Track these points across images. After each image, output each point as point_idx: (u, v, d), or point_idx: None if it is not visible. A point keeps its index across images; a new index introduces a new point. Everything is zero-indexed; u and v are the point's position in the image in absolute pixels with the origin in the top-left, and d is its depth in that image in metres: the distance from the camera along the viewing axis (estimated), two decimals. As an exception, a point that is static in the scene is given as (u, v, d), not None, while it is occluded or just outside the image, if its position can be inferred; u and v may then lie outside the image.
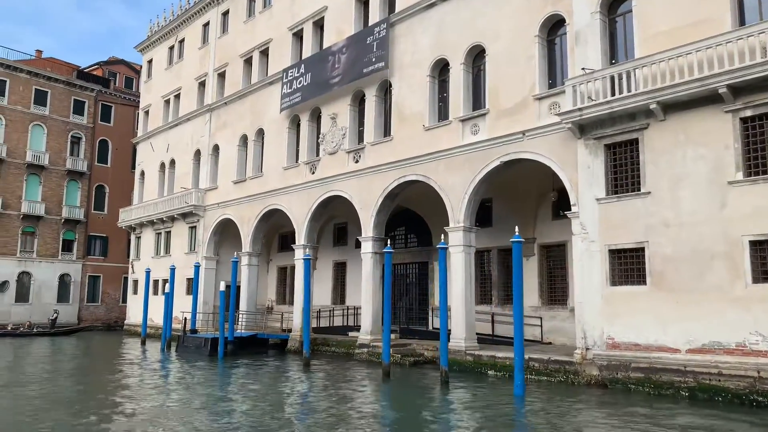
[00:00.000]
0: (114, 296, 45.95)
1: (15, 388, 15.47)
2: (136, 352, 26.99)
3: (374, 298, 22.82)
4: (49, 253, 42.77)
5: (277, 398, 14.59)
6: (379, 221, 23.26)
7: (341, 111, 25.28)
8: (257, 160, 30.49)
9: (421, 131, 21.63)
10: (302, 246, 26.44)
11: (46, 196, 42.80)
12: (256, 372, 19.51)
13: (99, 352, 28.73)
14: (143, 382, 17.51)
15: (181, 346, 25.84)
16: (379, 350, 21.81)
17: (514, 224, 23.14)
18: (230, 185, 31.81)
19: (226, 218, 31.88)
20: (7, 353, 25.43)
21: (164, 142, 38.60)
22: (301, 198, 26.67)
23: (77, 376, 19.08)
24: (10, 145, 41.25)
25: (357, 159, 24.26)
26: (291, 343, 25.93)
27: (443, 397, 14.58)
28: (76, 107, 45.00)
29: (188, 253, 34.53)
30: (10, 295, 40.62)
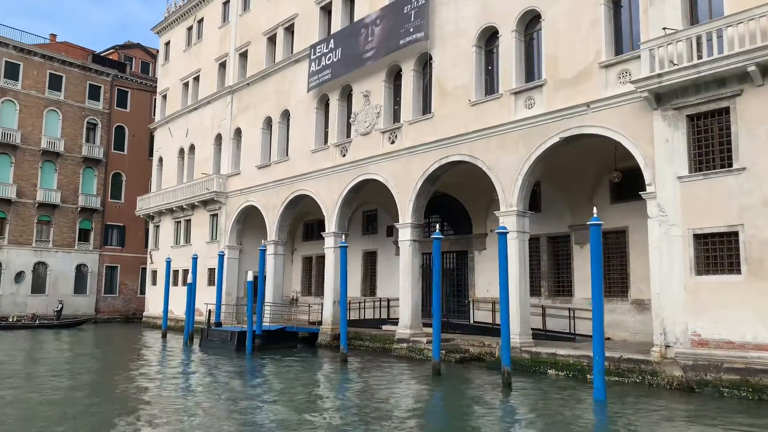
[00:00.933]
0: (132, 287, 44.65)
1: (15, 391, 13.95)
2: (157, 346, 25.50)
3: (413, 289, 21.08)
4: (66, 243, 41.49)
5: (326, 402, 12.90)
6: (418, 206, 21.47)
7: (375, 88, 23.45)
8: (282, 143, 28.79)
9: (466, 107, 19.76)
10: (332, 234, 24.73)
11: (62, 184, 41.47)
12: (290, 370, 17.86)
13: (118, 346, 27.30)
14: (168, 382, 15.90)
15: (205, 340, 24.29)
16: (420, 346, 20.17)
17: (566, 209, 21.45)
18: (254, 170, 30.16)
19: (250, 205, 30.26)
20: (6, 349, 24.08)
21: (183, 127, 37.02)
22: (331, 182, 24.94)
23: (90, 375, 17.54)
24: (25, 131, 39.91)
25: (393, 139, 22.45)
26: (321, 337, 24.28)
27: (511, 401, 12.80)
28: (91, 92, 43.56)
29: (209, 242, 32.99)
30: (26, 285, 39.41)
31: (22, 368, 17.94)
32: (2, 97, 39.21)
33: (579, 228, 20.95)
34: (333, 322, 24.19)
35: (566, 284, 21.41)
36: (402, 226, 21.57)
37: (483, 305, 23.48)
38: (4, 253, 38.59)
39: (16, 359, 20.53)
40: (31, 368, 17.81)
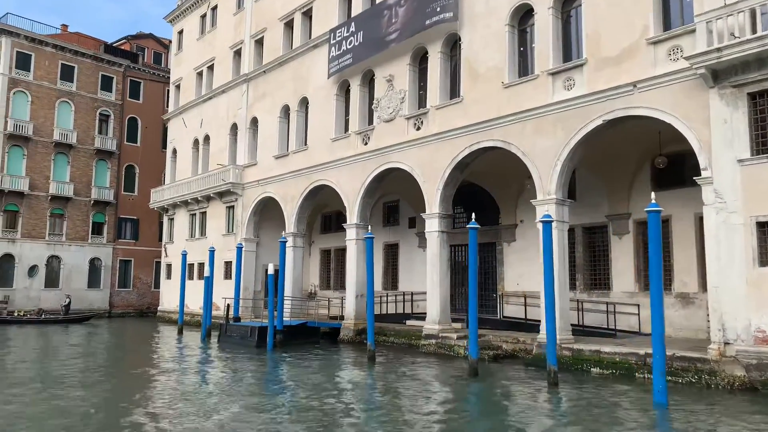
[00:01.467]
0: (146, 281, 43.98)
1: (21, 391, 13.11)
2: (174, 342, 24.70)
3: (441, 283, 20.06)
4: (79, 237, 40.85)
5: (362, 407, 11.94)
6: (446, 195, 20.42)
7: (399, 72, 22.39)
8: (301, 132, 27.82)
9: (499, 89, 18.66)
10: (354, 226, 23.76)
11: (75, 176, 40.79)
12: (316, 367, 16.93)
13: (133, 343, 26.55)
14: (188, 384, 15.02)
15: (224, 336, 23.44)
16: (450, 342, 19.18)
17: (602, 198, 20.30)
18: (271, 161, 29.23)
19: (267, 196, 29.34)
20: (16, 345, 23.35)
21: (197, 118, 36.15)
22: (353, 172, 23.94)
23: (103, 375, 16.70)
24: (37, 122, 39.22)
25: (418, 126, 21.40)
26: (344, 333, 23.34)
27: (562, 404, 11.77)
28: (103, 83, 42.80)
29: (226, 234, 32.15)
30: (39, 280, 38.82)
31: (31, 366, 17.16)
32: (14, 88, 38.54)
33: (617, 218, 19.86)
34: (356, 317, 23.25)
35: (603, 277, 20.31)
36: (429, 216, 20.53)
37: (513, 299, 22.44)
38: (17, 246, 38.00)
39: (25, 357, 19.79)
40: (45, 365, 17.05)
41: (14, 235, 37.98)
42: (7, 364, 17.23)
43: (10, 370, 15.89)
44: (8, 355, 19.45)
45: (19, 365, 17.12)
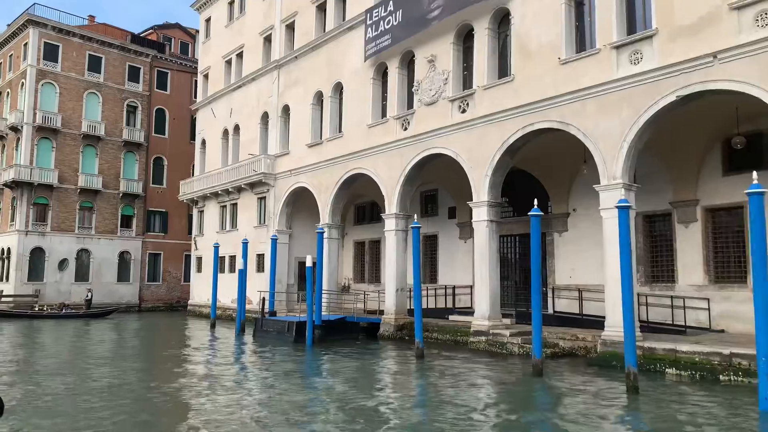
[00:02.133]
0: (175, 275, 43.40)
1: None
2: (207, 338, 23.83)
3: (491, 276, 18.77)
4: (108, 230, 40.36)
5: (429, 415, 10.76)
6: (495, 182, 19.08)
7: (441, 52, 21.06)
8: (335, 119, 26.68)
9: (555, 66, 17.24)
10: (393, 216, 22.57)
11: (103, 169, 40.26)
12: (363, 365, 15.83)
13: (165, 337, 25.76)
14: (227, 383, 13.99)
15: (260, 331, 22.47)
16: (501, 339, 17.91)
17: (666, 183, 18.70)
18: (304, 149, 28.15)
19: (300, 186, 28.29)
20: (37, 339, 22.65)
21: (227, 107, 35.24)
22: (392, 159, 22.72)
23: (134, 372, 15.76)
24: (65, 114, 38.72)
25: (464, 108, 20.07)
26: (384, 328, 22.20)
27: (651, 414, 10.43)
28: (131, 74, 42.16)
29: (257, 226, 31.22)
30: (69, 273, 38.40)
31: (59, 362, 16.34)
32: (42, 79, 38.05)
33: (683, 205, 18.32)
34: (396, 311, 22.11)
35: (667, 269, 18.80)
36: (477, 205, 19.22)
37: (565, 293, 21.04)
38: (47, 240, 37.61)
39: (53, 351, 19.03)
40: (76, 359, 16.21)
41: (44, 228, 37.58)
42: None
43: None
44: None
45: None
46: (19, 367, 15.65)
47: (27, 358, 17.74)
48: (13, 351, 19.34)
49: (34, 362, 16.68)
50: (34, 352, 19.24)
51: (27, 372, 14.69)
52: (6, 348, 19.98)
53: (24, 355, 18.37)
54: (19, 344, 21.50)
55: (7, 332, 25.02)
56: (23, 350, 19.87)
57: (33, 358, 17.57)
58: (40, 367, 15.64)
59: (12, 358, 17.47)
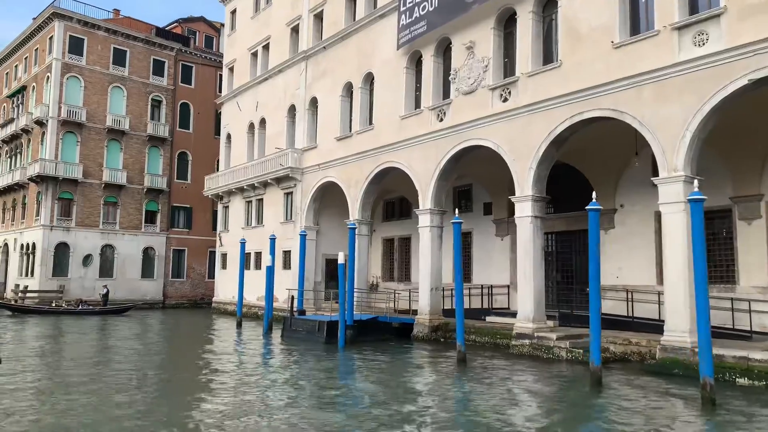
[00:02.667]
0: (199, 271, 42.86)
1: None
2: (234, 337, 23.05)
3: (536, 275, 17.62)
4: (132, 225, 39.92)
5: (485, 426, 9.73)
6: (540, 176, 17.93)
7: (481, 38, 19.95)
8: (365, 111, 25.71)
9: (607, 51, 16.05)
10: (428, 211, 21.53)
11: (128, 163, 39.82)
12: (401, 369, 14.86)
13: (190, 336, 25.04)
14: (258, 389, 13.09)
15: (288, 330, 21.61)
16: (548, 343, 16.80)
17: (725, 177, 17.39)
18: (332, 143, 27.23)
19: (329, 181, 27.39)
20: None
21: (252, 100, 34.48)
22: (426, 152, 21.68)
23: (159, 373, 14.93)
24: (90, 108, 38.33)
25: (505, 97, 18.95)
26: (417, 329, 21.19)
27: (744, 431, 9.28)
28: (155, 68, 41.65)
29: (284, 222, 30.40)
30: (94, 269, 38.02)
31: (81, 363, 15.60)
32: (67, 73, 37.68)
33: (746, 200, 17.02)
34: (431, 311, 21.09)
35: (726, 269, 17.50)
36: (520, 199, 18.10)
37: (611, 294, 19.79)
38: (72, 235, 37.25)
39: (73, 353, 18.34)
40: (101, 356, 15.48)
41: (69, 223, 37.23)
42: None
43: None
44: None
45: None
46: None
47: (23, 355, 17.05)
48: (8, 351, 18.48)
49: (34, 367, 15.96)
50: (38, 353, 18.57)
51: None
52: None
53: (16, 352, 17.68)
54: (21, 342, 20.89)
55: (15, 329, 24.51)
56: (22, 348, 19.21)
57: (33, 361, 16.87)
58: (42, 374, 14.91)
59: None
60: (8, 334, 22.41)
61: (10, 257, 40.29)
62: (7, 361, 14.24)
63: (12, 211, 41.32)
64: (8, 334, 22.64)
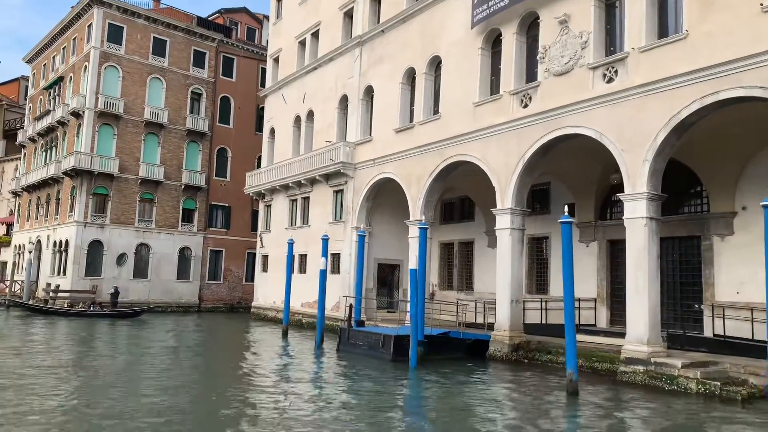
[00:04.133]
0: (237, 274, 40.64)
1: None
2: (277, 346, 20.53)
3: (650, 288, 14.66)
4: (169, 224, 37.90)
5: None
6: (656, 169, 15.00)
7: (577, 10, 17.10)
8: (430, 99, 23.06)
9: (753, 15, 13.07)
10: (508, 211, 18.74)
11: (165, 158, 37.84)
12: (505, 403, 12.08)
13: (231, 346, 22.58)
14: (328, 416, 10.42)
15: (346, 344, 18.99)
16: (670, 372, 13.83)
17: None
18: (390, 135, 24.62)
19: (385, 178, 24.80)
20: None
21: (299, 92, 32.14)
22: (507, 143, 18.90)
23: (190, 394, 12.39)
24: (128, 100, 36.47)
25: (610, 77, 16.06)
26: (495, 347, 18.34)
27: None
28: (196, 59, 39.70)
29: (333, 222, 27.87)
30: (128, 269, 36.03)
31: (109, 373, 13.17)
32: (105, 62, 35.89)
33: None
34: (512, 327, 18.25)
35: None
36: (632, 197, 15.17)
37: (730, 312, 16.67)
38: (106, 233, 35.35)
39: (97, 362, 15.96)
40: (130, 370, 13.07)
41: (103, 220, 35.35)
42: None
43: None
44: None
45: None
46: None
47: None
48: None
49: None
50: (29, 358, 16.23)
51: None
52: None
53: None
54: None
55: (12, 333, 22.43)
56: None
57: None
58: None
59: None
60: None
61: (43, 255, 38.63)
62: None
63: (46, 207, 39.72)
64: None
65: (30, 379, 12.69)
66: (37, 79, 45.48)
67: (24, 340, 20.90)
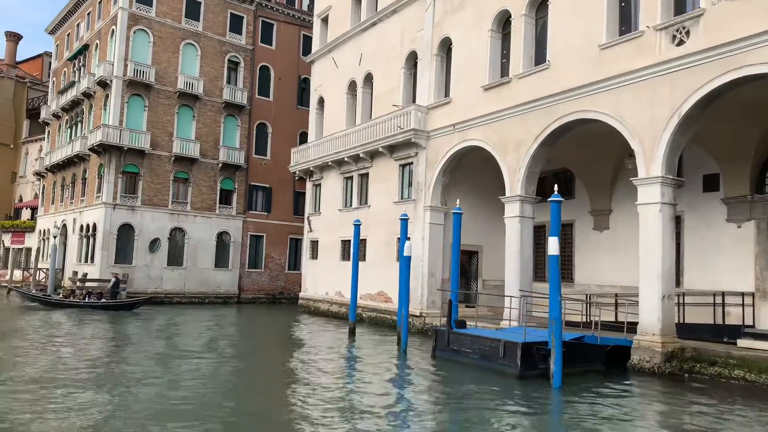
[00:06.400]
0: (279, 261, 36.91)
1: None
2: (342, 348, 16.59)
3: None
4: (205, 206, 34.23)
5: None
6: None
7: None
8: (530, 47, 18.81)
9: None
10: (658, 180, 14.46)
11: (201, 134, 34.11)
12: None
13: (281, 353, 18.72)
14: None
15: (445, 350, 14.97)
16: None
17: None
18: (476, 95, 20.44)
19: (468, 146, 20.71)
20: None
21: (354, 53, 28.04)
22: (653, 93, 14.62)
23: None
24: (159, 68, 32.73)
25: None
26: (640, 355, 14.16)
27: None
28: (232, 23, 35.79)
29: (399, 202, 23.83)
30: (161, 256, 32.46)
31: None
32: (135, 25, 32.15)
33: None
34: (663, 331, 14.05)
35: None
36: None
37: None
38: (137, 216, 31.79)
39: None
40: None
41: (134, 201, 31.79)
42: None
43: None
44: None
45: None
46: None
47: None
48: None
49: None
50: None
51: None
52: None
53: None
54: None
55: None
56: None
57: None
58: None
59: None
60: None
61: (69, 240, 35.31)
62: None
63: (71, 188, 36.33)
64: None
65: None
66: (60, 51, 42.04)
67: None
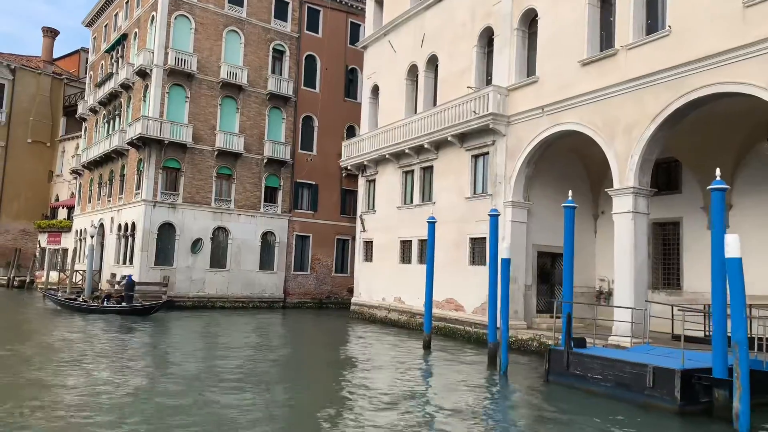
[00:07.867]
0: (325, 263, 34.46)
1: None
2: (418, 368, 13.91)
3: None
4: (249, 205, 31.96)
5: None
6: None
7: None
8: (640, 11, 15.98)
9: None
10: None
11: (245, 127, 31.87)
12: None
13: (337, 367, 16.09)
14: None
15: (562, 374, 12.19)
16: None
17: None
18: (570, 71, 17.63)
19: (561, 131, 17.93)
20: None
21: (415, 35, 25.43)
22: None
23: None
24: (201, 56, 30.59)
25: None
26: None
27: None
28: (277, 9, 33.51)
29: (471, 198, 21.14)
30: (204, 257, 30.25)
31: None
32: (175, 11, 30.08)
33: None
34: None
35: None
36: None
37: None
38: (179, 214, 29.66)
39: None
40: None
41: (175, 199, 29.67)
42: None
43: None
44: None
45: None
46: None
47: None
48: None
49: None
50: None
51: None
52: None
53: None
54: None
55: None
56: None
57: None
58: None
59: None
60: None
61: (106, 240, 33.43)
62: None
63: (109, 186, 34.47)
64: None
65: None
66: (98, 44, 40.40)
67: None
